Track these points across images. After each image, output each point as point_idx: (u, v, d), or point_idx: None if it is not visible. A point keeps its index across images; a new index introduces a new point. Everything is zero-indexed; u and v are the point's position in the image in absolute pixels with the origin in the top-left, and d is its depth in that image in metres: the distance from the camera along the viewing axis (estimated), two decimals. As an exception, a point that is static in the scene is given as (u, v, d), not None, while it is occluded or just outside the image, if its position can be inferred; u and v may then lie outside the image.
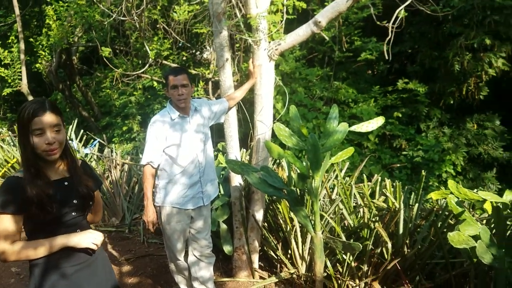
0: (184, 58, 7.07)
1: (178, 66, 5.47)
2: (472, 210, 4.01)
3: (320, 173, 2.93)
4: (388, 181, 3.58)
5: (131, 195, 4.99)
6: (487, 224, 3.22)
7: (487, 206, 2.75)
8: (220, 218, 3.59)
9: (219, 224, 3.61)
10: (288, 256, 3.57)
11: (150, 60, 5.07)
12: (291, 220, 3.47)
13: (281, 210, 3.53)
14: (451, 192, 2.90)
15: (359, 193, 3.61)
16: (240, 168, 3.12)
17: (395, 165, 5.92)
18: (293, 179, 3.50)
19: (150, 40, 5.72)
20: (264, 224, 3.71)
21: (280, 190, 2.99)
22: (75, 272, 1.80)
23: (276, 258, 3.65)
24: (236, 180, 3.51)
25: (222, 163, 4.00)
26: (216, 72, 6.41)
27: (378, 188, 3.80)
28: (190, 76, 3.05)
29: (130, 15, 4.52)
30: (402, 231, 3.24)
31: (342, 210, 3.40)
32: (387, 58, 3.26)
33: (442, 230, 3.16)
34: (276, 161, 4.19)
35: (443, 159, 6.37)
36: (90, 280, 1.85)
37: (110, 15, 4.78)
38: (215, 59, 6.58)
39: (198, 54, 7.54)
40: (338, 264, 3.33)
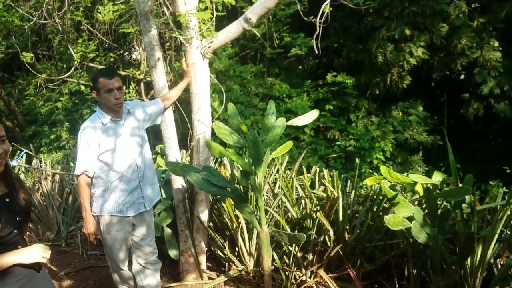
0: (112, 60, 6.81)
1: (108, 68, 5.26)
2: (404, 193, 4.26)
3: (262, 168, 2.96)
4: (326, 171, 3.71)
5: (65, 207, 4.76)
6: (419, 205, 3.43)
7: (418, 188, 2.93)
8: (164, 223, 3.51)
9: (163, 228, 3.53)
10: (236, 253, 3.58)
11: (75, 63, 4.83)
12: (237, 217, 3.48)
13: (226, 208, 3.53)
14: (384, 177, 3.06)
15: (300, 185, 3.70)
16: (181, 170, 3.08)
17: (331, 155, 6.13)
18: (236, 177, 3.51)
19: (75, 42, 5.45)
20: (210, 224, 3.68)
21: (224, 188, 2.99)
22: (20, 287, 1.70)
23: (223, 257, 3.65)
24: (178, 182, 3.45)
25: (162, 166, 3.91)
26: (148, 72, 6.26)
27: (317, 178, 3.92)
28: (121, 78, 2.95)
29: (52, 18, 4.28)
30: (342, 218, 3.37)
31: (286, 203, 3.47)
32: (317, 53, 3.35)
33: (378, 214, 3.32)
34: (218, 160, 4.18)
35: (373, 146, 6.69)
36: None
37: (30, 19, 4.50)
38: (145, 59, 6.40)
39: (126, 54, 7.30)
40: (285, 256, 3.39)
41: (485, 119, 8.05)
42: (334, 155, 6.23)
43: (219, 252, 3.68)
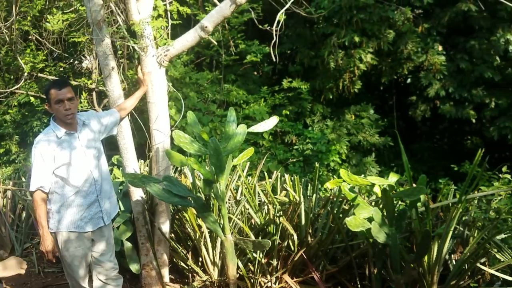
0: (62, 69, 6.57)
1: (60, 79, 5.07)
2: (361, 195, 4.38)
3: (225, 176, 2.95)
4: (287, 176, 3.75)
5: (19, 224, 4.53)
6: (376, 206, 3.54)
7: (377, 190, 3.02)
8: (124, 236, 3.41)
9: (123, 242, 3.43)
10: (199, 264, 3.54)
11: (25, 74, 4.61)
12: (199, 227, 3.44)
13: (188, 218, 3.48)
14: (344, 180, 3.14)
15: (262, 190, 3.72)
16: (140, 181, 3.01)
17: (292, 160, 6.22)
18: (197, 186, 3.47)
19: (22, 52, 5.21)
20: (171, 235, 3.62)
21: (186, 198, 2.95)
22: None
23: (187, 268, 3.59)
24: (137, 194, 3.36)
25: (119, 178, 3.81)
26: (100, 81, 6.07)
27: (279, 183, 3.95)
28: (73, 88, 2.85)
29: (-2, 28, 4.08)
30: (304, 222, 3.42)
31: (248, 209, 3.47)
32: (274, 60, 3.40)
33: (339, 216, 3.39)
34: (177, 169, 4.12)
35: (330, 149, 6.85)
36: None
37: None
38: (96, 68, 6.22)
39: (77, 63, 7.06)
40: (250, 263, 3.39)
41: (431, 120, 8.47)
42: (295, 160, 6.32)
43: (182, 264, 3.62)
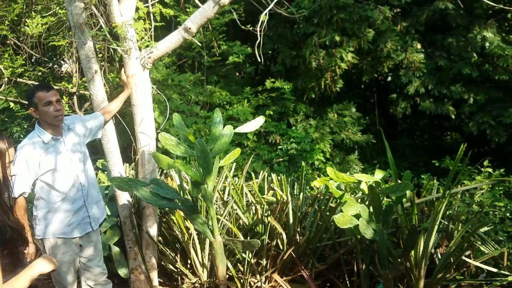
0: (40, 74, 6.45)
1: (43, 83, 4.98)
2: (347, 192, 4.43)
3: (212, 177, 2.95)
4: (274, 176, 3.77)
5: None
6: (362, 202, 3.59)
7: (363, 186, 3.06)
8: (111, 241, 3.38)
9: (110, 247, 3.39)
10: (188, 266, 3.52)
11: (5, 79, 4.52)
12: (187, 229, 3.43)
13: (175, 221, 3.47)
14: (331, 178, 3.17)
15: (250, 191, 3.72)
16: (127, 185, 2.98)
17: (278, 159, 6.24)
18: (185, 188, 3.46)
19: (1, 57, 5.10)
20: (159, 238, 3.59)
21: (173, 200, 2.93)
22: None
23: (176, 270, 3.58)
24: (124, 197, 3.33)
25: (104, 182, 3.76)
26: (81, 85, 5.99)
27: (266, 183, 3.97)
28: (67, 95, 2.82)
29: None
30: (292, 221, 3.44)
31: (236, 210, 3.47)
32: (259, 60, 3.41)
33: (326, 214, 3.43)
34: (163, 172, 4.09)
35: (314, 148, 6.90)
36: None
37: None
38: (77, 72, 6.14)
39: (56, 68, 6.93)
40: (239, 264, 3.39)
41: (412, 117, 8.60)
42: (281, 159, 6.35)
43: (171, 266, 3.60)
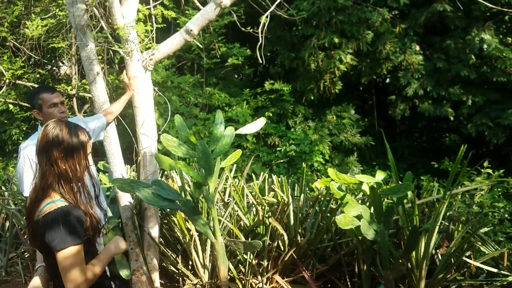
0: (38, 76, 6.45)
1: (46, 85, 4.98)
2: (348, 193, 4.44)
3: (214, 179, 2.96)
4: (275, 177, 3.77)
5: (2, 234, 4.41)
6: (363, 203, 3.60)
7: (365, 187, 3.07)
8: (113, 242, 3.37)
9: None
10: (189, 267, 3.52)
11: (7, 81, 4.52)
12: (188, 230, 3.43)
13: (176, 222, 3.47)
14: (332, 179, 3.18)
15: (250, 192, 3.73)
16: (129, 186, 2.98)
17: (278, 161, 6.26)
18: (186, 189, 3.47)
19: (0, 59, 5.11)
20: (160, 239, 3.59)
21: (175, 202, 2.94)
22: None
23: (177, 272, 3.57)
24: (125, 199, 3.34)
25: (106, 184, 3.76)
26: (80, 87, 6.00)
27: (266, 185, 3.97)
28: (67, 97, 2.83)
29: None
30: (293, 222, 3.45)
31: (238, 211, 3.47)
32: (260, 62, 3.43)
33: (327, 215, 3.44)
34: (164, 173, 4.10)
35: (313, 150, 6.91)
36: None
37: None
38: (76, 74, 6.14)
39: (55, 69, 6.93)
40: (240, 265, 3.39)
41: (410, 119, 8.63)
42: (282, 161, 6.36)
43: (172, 268, 3.60)
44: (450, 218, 3.45)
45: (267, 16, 3.48)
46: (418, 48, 7.34)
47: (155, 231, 3.40)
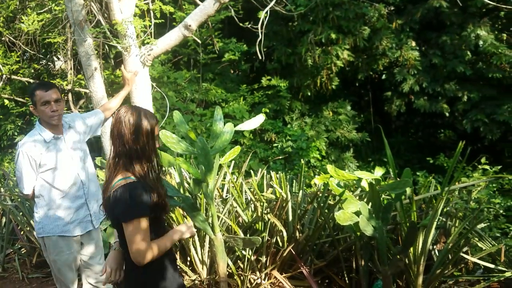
0: (33, 71, 6.40)
1: (44, 81, 4.95)
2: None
3: (213, 175, 2.95)
4: (273, 173, 3.78)
5: (-2, 230, 4.39)
6: (361, 199, 3.61)
7: (364, 184, 3.08)
8: (111, 239, 3.36)
9: (110, 245, 3.38)
10: (188, 263, 3.53)
11: (3, 76, 4.48)
12: (187, 226, 3.42)
13: (175, 218, 3.47)
14: (331, 176, 3.19)
15: (249, 188, 3.73)
16: (128, 182, 2.97)
17: (277, 158, 6.25)
18: (184, 186, 3.46)
19: (-4, 54, 5.07)
20: (158, 235, 3.59)
21: (175, 198, 2.93)
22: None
23: (175, 267, 3.57)
24: (123, 195, 3.32)
25: (103, 180, 3.74)
26: (76, 82, 5.96)
27: (265, 181, 3.98)
28: (62, 92, 2.80)
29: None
30: (292, 218, 3.46)
31: (236, 207, 3.48)
32: (260, 57, 3.42)
33: (325, 211, 3.45)
34: (162, 169, 4.08)
35: (309, 146, 6.92)
36: None
37: None
38: (72, 69, 6.11)
39: (50, 64, 6.88)
40: (239, 261, 3.40)
41: (406, 115, 8.66)
42: (281, 157, 6.36)
43: (170, 263, 3.60)
44: (447, 214, 3.47)
45: (267, 12, 3.46)
46: (414, 44, 7.34)
47: (153, 227, 3.39)
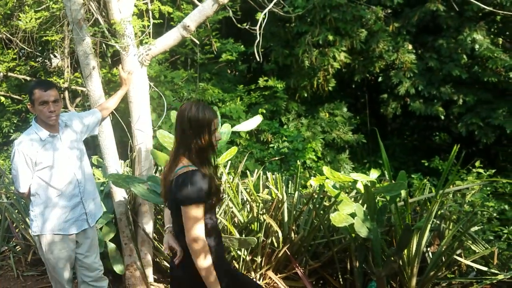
0: (29, 68, 6.38)
1: (45, 80, 4.92)
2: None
3: (209, 175, 2.96)
4: (270, 174, 3.79)
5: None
6: (355, 201, 3.64)
7: (359, 186, 3.11)
8: (107, 238, 3.37)
9: (106, 244, 3.39)
10: (183, 262, 3.53)
11: (1, 74, 4.46)
12: (182, 226, 3.43)
13: (171, 218, 3.47)
14: (327, 177, 3.21)
15: (245, 189, 3.75)
16: (124, 181, 2.99)
17: (273, 159, 6.26)
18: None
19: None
20: (154, 235, 3.60)
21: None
22: None
23: (170, 267, 3.58)
24: (120, 194, 3.33)
25: (99, 179, 3.75)
26: (72, 80, 5.95)
27: (261, 182, 3.99)
28: (58, 90, 2.79)
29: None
30: (287, 219, 3.47)
31: (232, 208, 3.49)
32: (258, 59, 3.43)
33: (320, 212, 3.47)
34: (158, 169, 4.09)
35: (305, 147, 6.94)
36: None
37: None
38: (68, 67, 6.10)
39: (47, 62, 6.85)
40: (234, 261, 3.41)
41: (402, 117, 8.70)
42: (277, 158, 6.37)
43: (166, 263, 3.61)
44: (441, 216, 3.50)
45: (265, 14, 3.48)
46: (410, 47, 7.38)
47: (149, 227, 3.40)
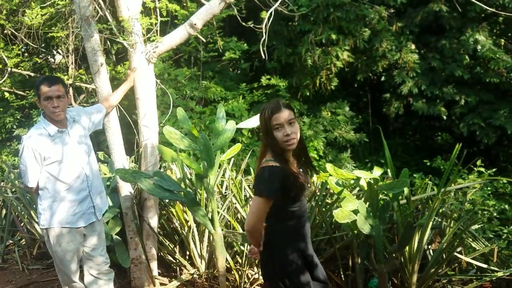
0: (33, 64, 6.42)
1: (51, 75, 4.97)
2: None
3: (214, 171, 3.01)
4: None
5: (-2, 221, 4.43)
6: (358, 198, 3.67)
7: (362, 183, 3.15)
8: (113, 231, 3.42)
9: (112, 237, 3.44)
10: (187, 257, 3.58)
11: (8, 69, 4.50)
12: (186, 221, 3.48)
13: (175, 213, 3.52)
14: (330, 175, 3.25)
15: (248, 185, 3.79)
16: (131, 176, 3.03)
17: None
18: (187, 181, 3.52)
19: (-2, 47, 5.09)
20: (159, 230, 3.64)
21: (176, 193, 2.99)
22: None
23: (174, 262, 3.63)
24: (126, 189, 3.38)
25: (106, 174, 3.79)
26: (77, 77, 6.00)
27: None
28: (65, 86, 2.83)
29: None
30: (290, 216, 3.51)
31: (235, 204, 3.53)
32: (263, 57, 3.47)
33: (322, 209, 3.51)
34: (163, 164, 4.14)
35: (307, 145, 6.98)
36: None
37: None
38: (73, 63, 6.14)
39: (50, 58, 6.89)
40: (237, 256, 3.46)
41: (404, 117, 8.74)
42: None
43: (170, 257, 3.66)
44: (443, 214, 3.54)
45: (271, 13, 3.52)
46: (413, 47, 7.41)
47: (154, 221, 3.45)
